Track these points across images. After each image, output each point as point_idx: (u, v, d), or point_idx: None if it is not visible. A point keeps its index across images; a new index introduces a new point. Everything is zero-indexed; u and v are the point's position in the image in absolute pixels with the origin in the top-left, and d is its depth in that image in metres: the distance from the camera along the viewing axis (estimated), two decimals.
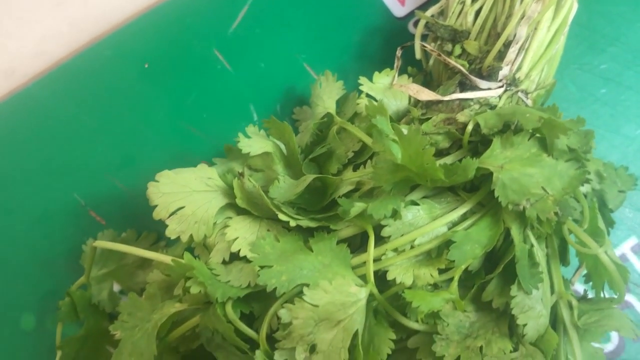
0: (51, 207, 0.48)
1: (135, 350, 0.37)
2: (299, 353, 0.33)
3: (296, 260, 0.34)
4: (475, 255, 0.34)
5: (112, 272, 0.45)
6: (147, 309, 0.39)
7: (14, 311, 0.46)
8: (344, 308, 0.32)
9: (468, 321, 0.36)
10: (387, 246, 0.35)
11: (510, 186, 0.34)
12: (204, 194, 0.38)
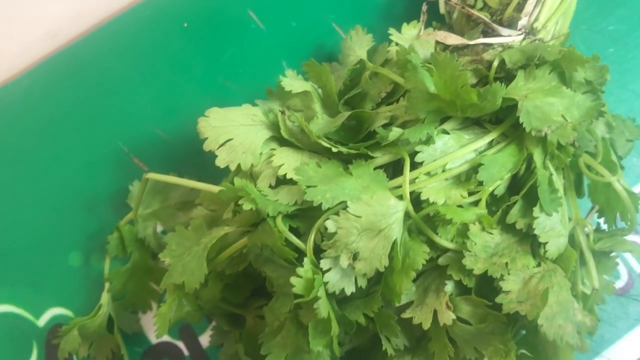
0: (97, 154, 0.51)
1: (186, 271, 0.41)
2: (343, 260, 0.36)
3: (338, 181, 0.37)
4: (501, 176, 0.38)
5: (155, 212, 0.49)
6: (194, 238, 0.42)
7: (62, 249, 0.50)
8: (384, 218, 0.35)
9: (493, 242, 0.39)
10: (421, 170, 0.38)
11: (533, 113, 0.37)
12: (250, 127, 0.41)
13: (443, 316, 0.38)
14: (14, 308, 0.49)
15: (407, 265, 0.36)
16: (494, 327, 0.38)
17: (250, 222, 0.40)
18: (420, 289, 0.40)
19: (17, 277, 0.49)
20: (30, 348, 0.48)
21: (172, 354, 0.48)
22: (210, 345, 0.48)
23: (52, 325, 0.48)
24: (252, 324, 0.46)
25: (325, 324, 0.36)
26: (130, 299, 0.48)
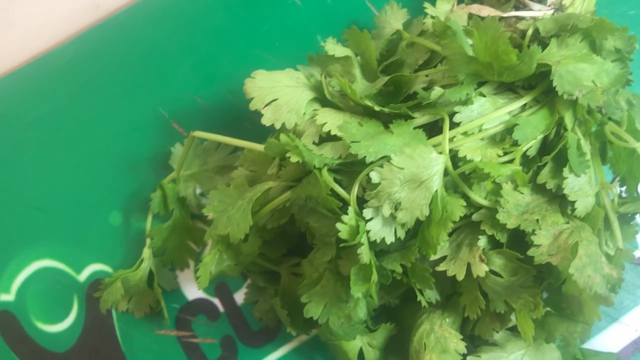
0: (139, 119, 0.53)
1: (231, 222, 0.43)
2: (386, 210, 0.38)
3: (380, 138, 0.39)
4: (534, 137, 0.40)
5: (194, 174, 0.51)
6: (236, 195, 0.45)
7: (104, 209, 0.52)
8: (426, 170, 0.38)
9: (524, 201, 0.41)
10: (458, 130, 0.40)
11: (565, 78, 0.39)
12: (294, 89, 0.43)
13: (476, 268, 0.40)
14: (56, 263, 0.51)
15: (445, 217, 0.38)
16: (525, 280, 0.40)
17: (294, 177, 0.42)
18: (453, 245, 0.42)
19: (60, 234, 0.51)
20: (71, 302, 0.50)
21: (207, 310, 0.50)
22: (245, 302, 0.50)
23: (92, 280, 0.50)
24: (287, 281, 0.48)
25: (367, 270, 0.39)
26: (169, 256, 0.50)
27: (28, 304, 0.50)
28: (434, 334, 0.43)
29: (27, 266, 0.50)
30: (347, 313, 0.42)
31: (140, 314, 0.49)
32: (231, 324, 0.50)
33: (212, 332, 0.49)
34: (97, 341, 0.49)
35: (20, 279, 0.50)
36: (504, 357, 0.44)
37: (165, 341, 0.49)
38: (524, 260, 0.40)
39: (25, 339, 0.49)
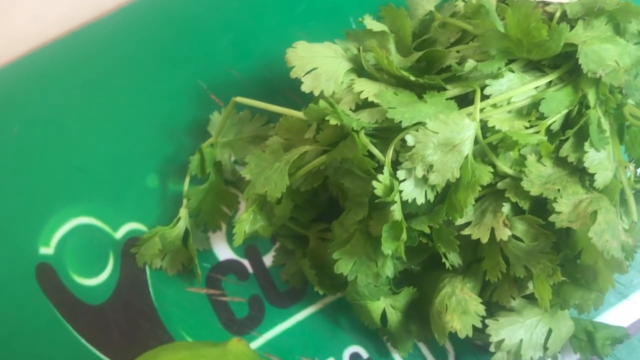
0: (178, 88, 0.56)
1: (269, 182, 0.45)
2: (419, 171, 0.40)
3: (415, 106, 0.42)
4: (559, 111, 0.43)
5: (230, 142, 0.53)
6: (271, 160, 0.47)
7: (142, 171, 0.54)
8: (458, 135, 0.40)
9: (546, 172, 0.43)
10: (488, 101, 0.43)
11: (590, 56, 0.42)
12: (333, 59, 0.46)
13: (500, 232, 0.43)
14: (94, 220, 0.53)
15: (473, 181, 0.41)
16: (545, 245, 0.43)
17: (330, 141, 0.44)
18: (478, 212, 0.44)
19: (99, 194, 0.54)
20: (107, 257, 0.52)
21: (237, 271, 0.52)
22: (273, 264, 0.52)
23: (128, 238, 0.53)
24: (315, 244, 0.50)
25: (398, 228, 0.41)
26: (203, 218, 0.52)
27: (66, 257, 0.52)
28: (455, 296, 0.45)
29: (67, 222, 0.53)
30: (375, 271, 0.44)
31: (173, 272, 0.52)
32: (259, 285, 0.52)
33: (240, 292, 0.52)
34: (131, 296, 0.52)
35: (59, 234, 0.53)
36: (520, 322, 0.46)
37: (196, 298, 0.52)
38: (544, 227, 0.43)
39: (63, 290, 0.52)
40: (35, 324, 0.51)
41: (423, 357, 0.51)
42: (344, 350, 0.51)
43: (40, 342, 0.51)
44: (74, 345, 0.51)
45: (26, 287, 0.52)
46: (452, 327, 0.44)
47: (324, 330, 0.51)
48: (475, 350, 0.51)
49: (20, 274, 0.52)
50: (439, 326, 0.45)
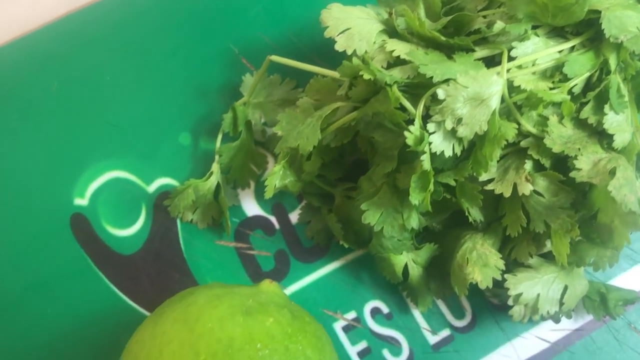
0: (210, 51, 0.58)
1: (301, 136, 0.47)
2: (449, 123, 0.43)
3: (445, 64, 0.44)
4: (581, 73, 0.45)
5: (260, 103, 0.55)
6: (302, 118, 0.49)
7: (174, 129, 0.56)
8: (487, 89, 0.42)
9: (567, 134, 0.46)
10: (514, 63, 0.45)
11: (613, 22, 0.44)
12: (365, 20, 0.48)
13: (522, 187, 0.45)
14: (128, 174, 0.55)
15: (499, 136, 0.43)
16: (564, 201, 0.45)
17: (362, 97, 0.46)
18: (501, 169, 0.47)
19: (132, 149, 0.56)
20: (139, 210, 0.55)
21: (264, 226, 0.54)
22: (298, 221, 0.54)
23: (160, 192, 0.55)
24: (340, 202, 0.52)
25: (426, 178, 0.43)
26: (233, 175, 0.54)
27: (99, 209, 0.54)
28: (476, 251, 0.47)
29: (101, 175, 0.55)
30: (401, 223, 0.46)
31: (203, 225, 0.54)
32: (285, 240, 0.54)
33: (267, 246, 0.54)
34: (162, 247, 0.54)
35: (93, 187, 0.55)
36: (537, 278, 0.48)
37: (224, 251, 0.54)
38: (565, 183, 0.45)
39: (96, 240, 0.54)
40: (69, 270, 0.53)
41: (441, 313, 0.53)
42: (365, 305, 0.53)
43: (73, 288, 0.53)
44: (105, 292, 0.53)
45: (61, 236, 0.54)
46: (472, 279, 0.46)
47: (346, 285, 0.53)
48: (491, 309, 0.53)
49: (56, 223, 0.54)
50: (459, 279, 0.47)
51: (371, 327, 0.52)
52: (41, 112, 0.56)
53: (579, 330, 0.52)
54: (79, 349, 0.51)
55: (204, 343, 0.38)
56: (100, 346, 0.51)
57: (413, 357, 0.52)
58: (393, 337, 0.52)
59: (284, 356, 0.39)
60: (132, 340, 0.42)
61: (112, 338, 0.52)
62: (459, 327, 0.52)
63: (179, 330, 0.39)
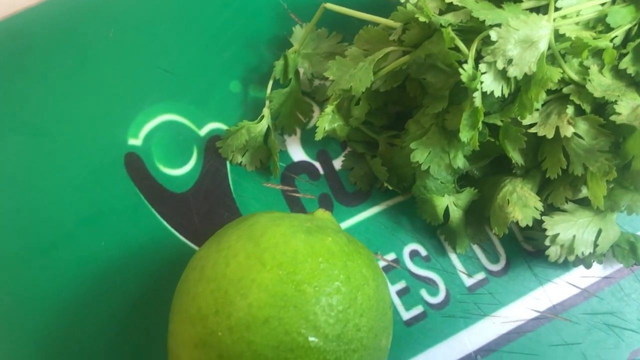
0: (260, 6, 0.60)
1: (354, 79, 0.50)
2: (500, 63, 0.45)
3: (495, 10, 0.47)
4: (623, 24, 0.48)
5: (308, 54, 0.58)
6: (352, 65, 0.52)
7: (225, 77, 0.59)
8: (536, 32, 0.45)
9: (607, 82, 0.48)
10: (559, 13, 0.48)
11: None
12: None
13: (564, 129, 0.47)
14: (180, 118, 0.58)
15: (545, 79, 0.46)
16: (603, 145, 0.47)
17: (415, 41, 0.49)
18: (543, 114, 0.49)
19: (185, 94, 0.58)
20: (191, 151, 0.57)
21: (309, 171, 0.57)
22: (342, 168, 0.57)
23: (211, 135, 0.57)
24: (384, 149, 0.55)
25: (476, 116, 0.46)
26: (281, 121, 0.57)
27: (153, 149, 0.57)
28: (516, 193, 0.50)
29: (155, 118, 0.58)
30: (447, 162, 0.49)
31: (252, 168, 0.56)
32: (329, 185, 0.56)
33: (311, 190, 0.56)
34: (212, 187, 0.56)
35: (147, 128, 0.57)
36: (573, 221, 0.51)
37: (271, 193, 0.56)
38: (604, 127, 0.47)
39: (149, 178, 0.56)
40: (122, 205, 0.55)
41: (477, 258, 0.55)
42: (404, 247, 0.55)
43: (126, 222, 0.55)
44: (157, 227, 0.55)
45: (115, 173, 0.56)
46: (513, 217, 0.49)
47: (386, 228, 0.56)
48: (525, 255, 0.55)
49: (110, 161, 0.56)
50: (500, 219, 0.50)
51: (410, 269, 0.55)
52: (99, 58, 0.59)
53: (607, 278, 0.55)
54: (130, 280, 0.54)
55: (270, 255, 0.40)
56: (150, 277, 0.54)
57: (449, 297, 0.54)
58: (430, 278, 0.55)
59: (343, 270, 0.41)
60: (196, 257, 0.44)
61: (162, 270, 0.54)
62: (493, 271, 0.55)
63: (245, 245, 0.42)
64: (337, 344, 0.39)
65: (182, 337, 0.41)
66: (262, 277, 0.40)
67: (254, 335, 0.38)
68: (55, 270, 0.54)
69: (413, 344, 0.53)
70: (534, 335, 0.53)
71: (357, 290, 0.41)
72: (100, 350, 0.52)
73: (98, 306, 0.53)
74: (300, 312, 0.39)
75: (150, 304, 0.53)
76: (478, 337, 0.53)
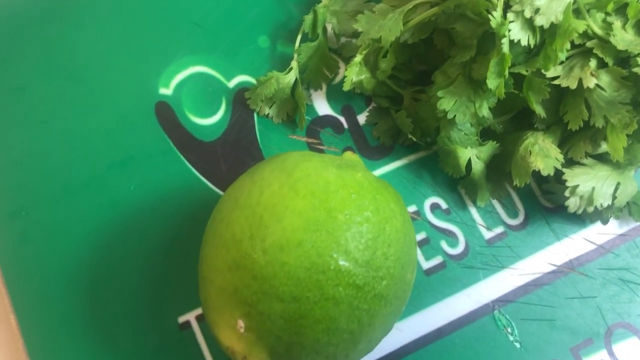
0: None
1: (383, 29, 0.51)
2: (527, 12, 0.47)
3: None
4: None
5: (336, 11, 0.59)
6: (379, 20, 0.53)
7: (254, 33, 0.60)
8: None
9: (629, 38, 0.50)
10: None
11: None
12: None
13: (587, 80, 0.49)
14: (210, 70, 0.59)
15: (570, 29, 0.47)
16: (625, 96, 0.49)
17: None
18: (567, 68, 0.51)
19: (215, 48, 0.60)
20: (220, 102, 0.59)
21: (334, 125, 0.58)
22: (366, 123, 0.58)
23: (239, 88, 0.59)
24: (409, 103, 0.56)
25: (503, 62, 0.47)
26: (308, 75, 0.58)
27: (183, 99, 0.58)
28: (538, 145, 0.52)
29: (185, 69, 0.59)
30: (473, 111, 0.50)
31: (278, 120, 0.58)
32: (352, 138, 0.58)
33: (335, 143, 0.58)
34: (239, 137, 0.58)
35: (178, 79, 0.59)
36: (592, 173, 0.52)
37: (296, 145, 0.58)
38: (626, 79, 0.49)
39: (178, 127, 0.58)
40: (152, 151, 0.57)
41: (496, 212, 0.56)
42: (425, 200, 0.57)
43: (155, 167, 0.56)
44: (185, 173, 0.56)
45: (146, 121, 0.58)
46: (535, 166, 0.50)
47: (408, 182, 0.57)
48: (543, 211, 0.56)
49: (142, 109, 0.58)
50: (521, 169, 0.51)
51: (430, 220, 0.56)
52: (134, 9, 0.60)
53: (623, 235, 0.56)
54: (158, 223, 0.55)
55: (303, 184, 0.42)
56: (177, 221, 0.55)
57: (469, 249, 0.55)
58: (450, 230, 0.56)
59: (373, 202, 0.42)
60: (228, 191, 0.46)
61: (189, 214, 0.55)
62: (512, 225, 0.56)
63: (278, 176, 0.43)
64: (366, 270, 0.41)
65: (216, 262, 0.42)
66: (296, 203, 0.41)
67: (287, 256, 0.40)
68: (86, 211, 0.55)
69: (432, 292, 0.54)
70: (550, 288, 0.55)
71: (385, 222, 0.42)
72: (127, 289, 0.53)
73: (127, 246, 0.54)
74: (331, 237, 0.40)
75: (177, 246, 0.55)
76: (496, 288, 0.55)
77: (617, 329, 0.54)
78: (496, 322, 0.54)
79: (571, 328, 0.54)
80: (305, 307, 0.39)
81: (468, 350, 0.53)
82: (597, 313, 0.54)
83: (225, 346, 0.43)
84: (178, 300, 0.53)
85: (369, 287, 0.41)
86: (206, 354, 0.52)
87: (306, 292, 0.39)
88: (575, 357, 0.53)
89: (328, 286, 0.40)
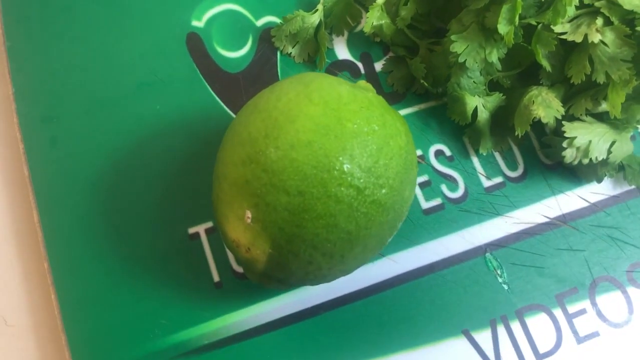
0: None
1: None
2: None
3: None
4: None
5: None
6: None
7: None
8: None
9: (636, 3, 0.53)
10: None
11: None
12: None
13: (592, 35, 0.52)
14: (241, 8, 0.63)
15: None
16: (627, 54, 0.52)
17: None
18: (574, 25, 0.54)
19: None
20: (246, 38, 0.62)
21: (351, 70, 0.62)
22: (382, 70, 0.62)
23: (266, 27, 0.63)
24: (424, 53, 0.60)
25: (514, 11, 0.50)
26: (332, 20, 0.62)
27: (213, 32, 0.62)
28: (541, 96, 0.55)
29: (217, 5, 0.63)
30: (483, 57, 0.54)
31: (300, 59, 0.61)
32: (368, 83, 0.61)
33: None
34: (262, 72, 0.61)
35: (210, 13, 0.63)
36: (590, 129, 0.55)
37: None
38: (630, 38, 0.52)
39: (206, 57, 0.62)
40: (180, 77, 0.61)
41: (497, 163, 0.59)
42: (430, 147, 0.60)
43: (182, 91, 0.60)
44: (209, 100, 0.60)
45: (177, 48, 0.62)
46: (536, 114, 0.53)
47: (416, 128, 0.60)
48: (542, 167, 0.59)
49: (174, 37, 0.62)
50: (523, 117, 0.55)
51: (433, 165, 0.59)
52: None
53: (616, 197, 0.59)
54: (180, 142, 0.59)
55: (317, 94, 0.45)
56: (198, 141, 0.59)
57: (467, 194, 0.58)
58: (452, 175, 0.59)
59: (381, 118, 0.46)
60: (249, 102, 0.49)
61: (210, 137, 0.59)
62: (511, 176, 0.59)
63: (296, 87, 0.47)
64: (367, 175, 0.44)
65: (231, 158, 0.46)
66: (309, 109, 0.44)
67: (297, 153, 0.43)
68: (113, 124, 0.59)
69: (429, 230, 0.57)
70: (542, 238, 0.57)
71: (390, 137, 0.46)
72: (144, 198, 0.57)
73: (147, 159, 0.58)
74: (339, 142, 0.43)
75: (194, 164, 0.58)
76: (490, 233, 0.58)
77: (601, 281, 0.56)
78: (487, 263, 0.57)
79: (558, 276, 0.56)
80: (309, 202, 0.43)
81: (458, 287, 0.56)
82: (584, 265, 0.57)
83: (231, 240, 0.46)
84: (190, 213, 0.57)
85: (369, 191, 0.44)
86: (211, 264, 0.55)
87: (311, 188, 0.43)
88: (559, 303, 0.56)
89: (331, 184, 0.43)
